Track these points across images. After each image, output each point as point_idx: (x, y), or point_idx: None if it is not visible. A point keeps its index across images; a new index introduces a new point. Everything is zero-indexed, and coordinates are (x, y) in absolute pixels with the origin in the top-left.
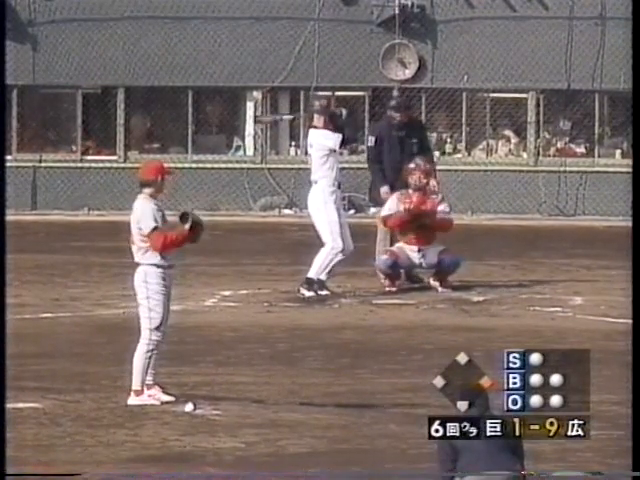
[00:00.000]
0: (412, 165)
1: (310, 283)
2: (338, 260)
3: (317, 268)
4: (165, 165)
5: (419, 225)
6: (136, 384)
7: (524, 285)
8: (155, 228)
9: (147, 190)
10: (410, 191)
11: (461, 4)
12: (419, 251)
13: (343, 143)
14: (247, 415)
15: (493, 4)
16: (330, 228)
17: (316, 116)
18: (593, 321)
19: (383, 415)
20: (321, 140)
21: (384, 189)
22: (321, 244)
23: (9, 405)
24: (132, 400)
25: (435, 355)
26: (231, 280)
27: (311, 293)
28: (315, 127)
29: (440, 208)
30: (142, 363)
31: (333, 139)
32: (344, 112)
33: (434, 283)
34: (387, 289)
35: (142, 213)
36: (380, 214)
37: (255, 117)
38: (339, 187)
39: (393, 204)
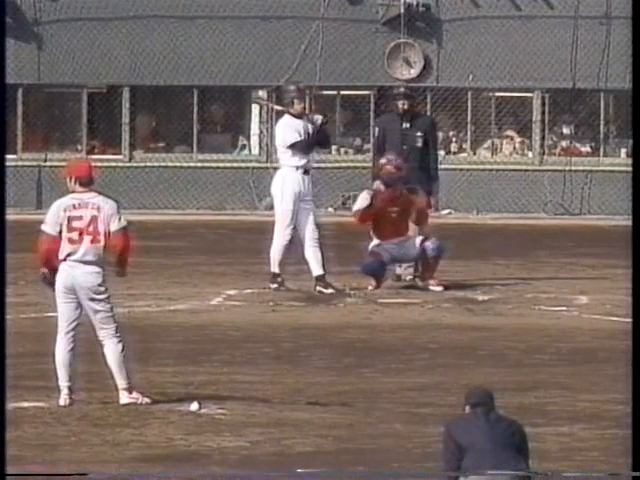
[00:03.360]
0: (383, 160)
1: (322, 279)
2: (284, 247)
3: (272, 261)
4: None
5: (388, 217)
6: (124, 383)
7: (529, 284)
8: (126, 228)
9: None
10: (382, 186)
11: (466, 3)
12: (398, 244)
13: (296, 148)
14: (252, 414)
15: (498, 3)
16: (282, 217)
17: (296, 101)
18: (598, 320)
19: (388, 414)
20: (283, 132)
21: (376, 183)
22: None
23: (14, 404)
24: (125, 399)
25: (440, 354)
26: (236, 279)
27: (330, 290)
28: (290, 114)
29: (417, 205)
30: (123, 360)
31: (288, 139)
32: (320, 119)
33: (423, 283)
34: (370, 288)
35: (113, 209)
36: (353, 209)
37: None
38: (307, 173)
39: (363, 199)
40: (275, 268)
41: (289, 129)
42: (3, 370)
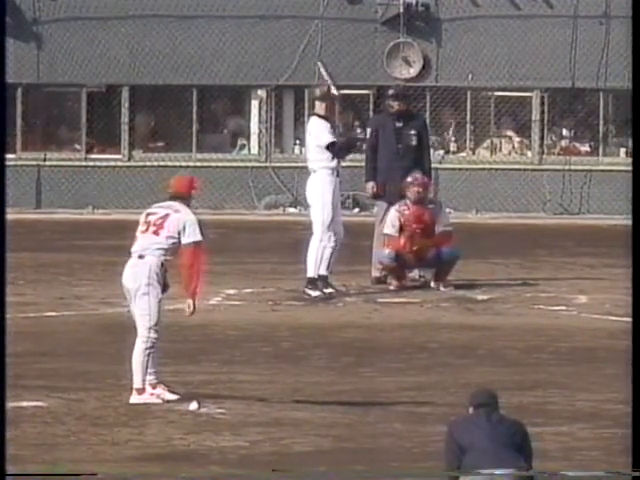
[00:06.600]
0: (410, 179)
1: (313, 282)
2: (330, 251)
3: (312, 265)
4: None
5: (415, 235)
6: (138, 383)
7: (528, 284)
8: (198, 242)
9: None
10: (408, 202)
11: (465, 3)
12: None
13: (332, 149)
14: (251, 414)
15: (498, 3)
16: (322, 219)
17: (317, 103)
18: (597, 319)
19: (387, 413)
20: (317, 132)
21: (369, 184)
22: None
23: (13, 404)
24: (134, 399)
25: (439, 354)
26: (235, 279)
27: (317, 292)
28: (317, 115)
29: (440, 223)
30: (142, 361)
31: (324, 139)
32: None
33: (435, 284)
34: (392, 288)
35: (191, 220)
36: (383, 231)
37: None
38: (338, 175)
39: (394, 219)
40: (317, 272)
41: (319, 130)
42: (3, 370)
